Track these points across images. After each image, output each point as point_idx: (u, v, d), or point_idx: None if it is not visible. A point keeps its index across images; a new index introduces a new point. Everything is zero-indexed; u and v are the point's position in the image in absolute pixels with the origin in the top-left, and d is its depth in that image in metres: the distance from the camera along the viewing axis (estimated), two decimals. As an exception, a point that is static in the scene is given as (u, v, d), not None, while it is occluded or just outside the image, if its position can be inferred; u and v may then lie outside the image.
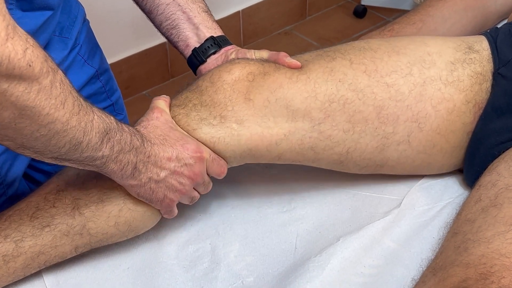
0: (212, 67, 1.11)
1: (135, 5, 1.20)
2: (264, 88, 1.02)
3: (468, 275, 0.84)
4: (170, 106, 1.03)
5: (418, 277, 0.95)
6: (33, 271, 0.99)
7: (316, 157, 1.05)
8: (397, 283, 0.98)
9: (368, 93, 1.04)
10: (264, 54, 1.11)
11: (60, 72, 0.77)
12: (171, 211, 1.01)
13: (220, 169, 1.01)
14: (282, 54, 1.07)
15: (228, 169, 1.04)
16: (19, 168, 1.12)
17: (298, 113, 1.02)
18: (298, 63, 1.05)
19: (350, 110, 1.03)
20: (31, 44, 0.72)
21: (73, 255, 1.01)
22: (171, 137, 0.96)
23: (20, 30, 0.71)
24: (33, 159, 1.17)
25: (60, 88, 0.76)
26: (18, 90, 0.71)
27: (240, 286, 1.00)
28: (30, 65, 0.71)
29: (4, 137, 0.76)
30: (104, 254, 1.05)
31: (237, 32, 2.66)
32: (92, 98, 1.24)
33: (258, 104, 1.01)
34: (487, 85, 1.09)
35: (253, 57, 1.10)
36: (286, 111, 1.01)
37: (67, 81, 0.79)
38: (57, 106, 0.76)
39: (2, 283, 0.98)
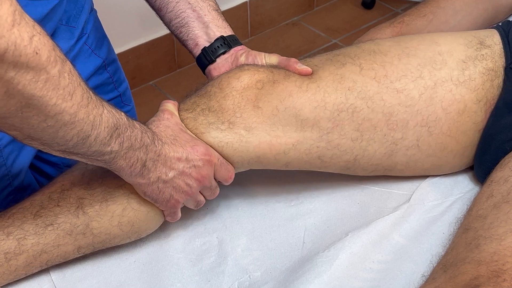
0: (222, 67, 1.11)
1: (142, -5, 1.19)
2: (273, 97, 1.01)
3: (479, 272, 0.83)
4: (179, 110, 1.02)
5: (428, 273, 0.94)
6: (35, 270, 0.99)
7: (323, 165, 1.05)
8: (406, 279, 0.97)
9: (377, 100, 1.03)
10: (274, 59, 1.09)
11: (68, 62, 0.76)
12: (175, 213, 1.01)
13: (228, 174, 1.01)
14: (293, 60, 1.06)
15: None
16: (25, 159, 1.12)
17: (307, 122, 1.01)
18: (309, 70, 1.04)
19: (358, 118, 1.02)
20: (38, 31, 0.70)
21: (76, 256, 1.00)
22: (182, 138, 0.96)
23: (27, 17, 0.69)
24: (40, 151, 1.16)
25: (69, 79, 0.75)
26: (25, 79, 0.70)
27: (247, 280, 1.00)
28: (37, 53, 0.69)
29: (11, 126, 0.75)
30: (110, 247, 1.04)
31: (244, 22, 2.65)
32: (99, 88, 1.23)
33: (267, 113, 1.00)
34: (498, 81, 1.08)
35: (263, 61, 1.09)
36: (295, 120, 1.01)
37: (76, 73, 0.77)
38: (64, 97, 0.74)
39: (3, 281, 0.97)
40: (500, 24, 1.18)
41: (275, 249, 1.04)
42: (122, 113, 0.86)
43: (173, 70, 2.54)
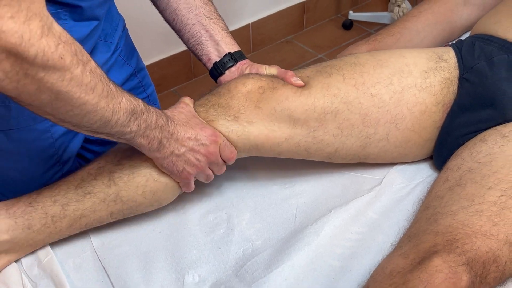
0: (229, 78, 1.10)
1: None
2: (272, 100, 1.01)
3: (437, 241, 0.84)
4: (194, 106, 1.02)
5: (396, 242, 0.94)
6: (75, 231, 1.00)
7: (309, 155, 1.05)
8: (378, 247, 0.98)
9: (356, 104, 1.03)
10: (274, 70, 1.09)
11: (91, 63, 0.76)
12: (189, 184, 1.00)
13: (231, 154, 1.00)
14: (290, 74, 1.05)
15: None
16: (73, 149, 1.12)
17: (298, 121, 1.01)
18: (302, 83, 1.04)
19: (340, 119, 1.03)
20: (63, 41, 0.71)
21: (109, 221, 1.01)
22: (193, 122, 0.96)
23: (56, 29, 0.71)
24: (85, 142, 1.17)
25: (90, 76, 0.75)
26: (53, 78, 0.71)
27: (250, 248, 1.00)
28: (61, 58, 0.71)
29: (45, 113, 0.76)
30: (140, 220, 1.05)
31: (247, 41, 2.65)
32: (131, 92, 1.23)
33: (266, 112, 1.00)
34: (454, 88, 1.09)
35: (265, 72, 1.09)
36: (289, 119, 1.01)
37: (98, 70, 0.78)
38: (87, 91, 0.75)
39: (50, 239, 0.99)
40: (455, 42, 1.18)
41: (273, 222, 1.05)
42: (140, 101, 0.87)
43: (190, 79, 2.53)
